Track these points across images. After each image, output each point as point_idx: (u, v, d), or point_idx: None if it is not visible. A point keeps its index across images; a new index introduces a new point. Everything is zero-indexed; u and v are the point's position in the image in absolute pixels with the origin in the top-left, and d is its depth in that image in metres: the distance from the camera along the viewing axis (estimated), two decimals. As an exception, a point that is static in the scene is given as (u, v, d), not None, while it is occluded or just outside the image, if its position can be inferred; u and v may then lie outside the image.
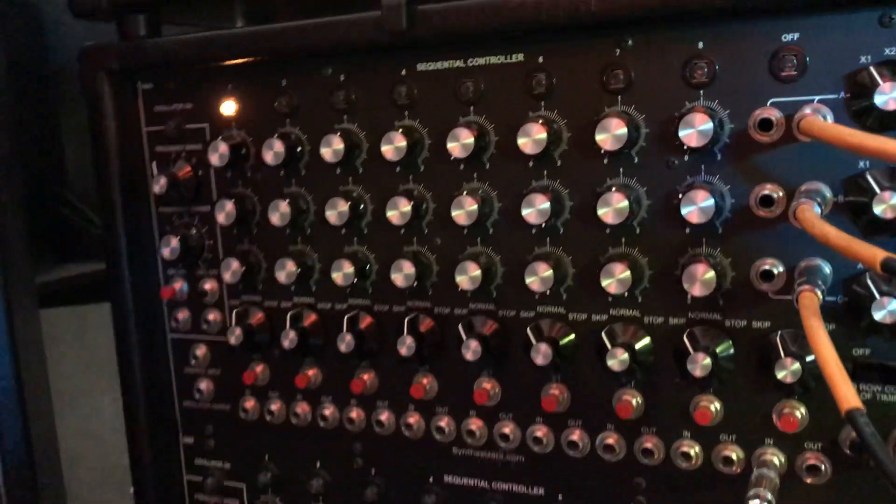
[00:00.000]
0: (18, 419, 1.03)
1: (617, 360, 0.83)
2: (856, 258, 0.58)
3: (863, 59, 0.73)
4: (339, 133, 0.92)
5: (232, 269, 1.00)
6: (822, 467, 0.80)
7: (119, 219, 1.04)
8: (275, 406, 1.04)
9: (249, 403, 1.06)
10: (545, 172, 0.86)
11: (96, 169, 1.04)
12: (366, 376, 0.98)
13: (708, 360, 0.79)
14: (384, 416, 0.99)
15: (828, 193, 0.75)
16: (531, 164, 0.86)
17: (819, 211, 0.70)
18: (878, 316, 0.73)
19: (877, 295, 0.72)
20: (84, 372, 1.63)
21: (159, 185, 1.01)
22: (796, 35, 0.75)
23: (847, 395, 0.56)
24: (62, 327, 1.63)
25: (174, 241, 1.03)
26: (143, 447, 1.11)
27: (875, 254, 0.55)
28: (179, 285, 1.07)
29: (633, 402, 0.86)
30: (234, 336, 1.01)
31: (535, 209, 0.83)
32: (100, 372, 1.55)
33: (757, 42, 0.77)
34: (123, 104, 1.04)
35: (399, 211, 0.90)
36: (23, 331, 1.10)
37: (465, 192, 0.87)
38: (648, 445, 0.86)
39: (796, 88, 0.76)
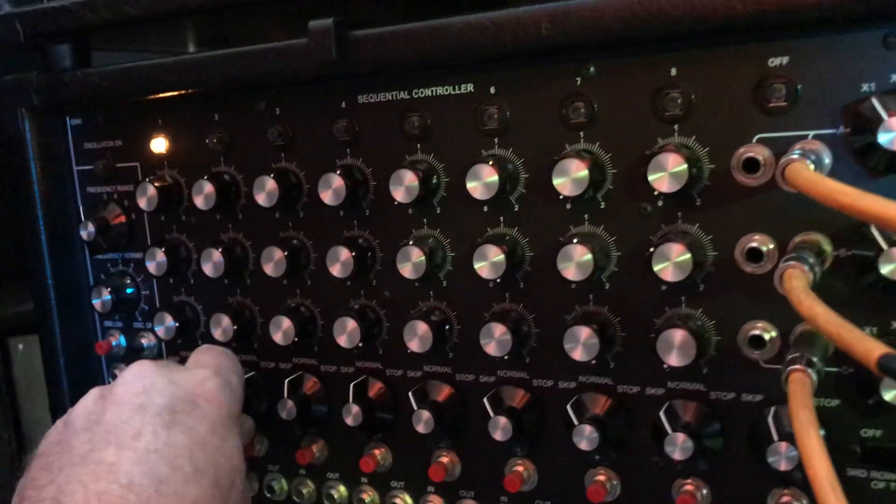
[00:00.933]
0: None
1: (585, 437, 0.71)
2: (848, 352, 0.46)
3: (865, 88, 0.61)
4: (273, 175, 0.81)
5: (166, 325, 0.90)
6: (827, 568, 0.67)
7: (47, 268, 0.95)
8: (219, 474, 0.94)
9: (193, 469, 0.96)
10: (501, 219, 0.75)
11: (21, 214, 0.94)
12: (314, 446, 0.87)
13: (690, 443, 0.67)
14: (335, 491, 0.88)
15: (827, 247, 0.63)
16: (486, 209, 0.75)
17: (811, 276, 0.58)
18: (888, 396, 0.61)
19: (886, 371, 0.60)
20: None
21: (87, 231, 0.91)
22: (785, 59, 0.63)
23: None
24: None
25: (106, 293, 0.93)
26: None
27: (871, 349, 0.43)
28: (115, 339, 0.97)
29: (607, 484, 0.74)
30: (171, 398, 0.90)
31: (489, 262, 0.72)
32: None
33: (739, 68, 0.64)
34: (50, 141, 0.94)
35: (340, 262, 0.79)
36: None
37: (411, 242, 0.76)
38: (626, 533, 0.74)
39: (787, 122, 0.64)
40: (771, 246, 0.65)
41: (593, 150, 0.70)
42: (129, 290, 0.95)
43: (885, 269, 0.59)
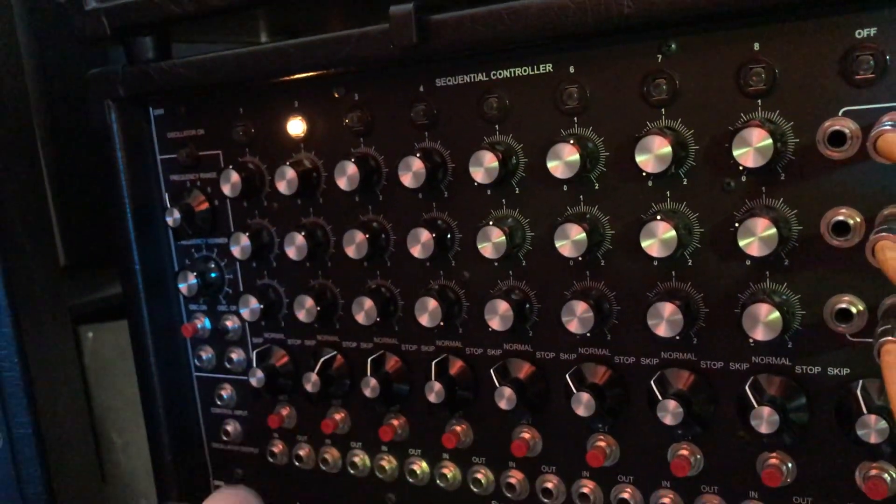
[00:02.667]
0: (38, 469, 0.99)
1: (669, 412, 0.72)
2: (950, 321, 0.46)
3: (957, 57, 0.60)
4: (353, 159, 0.83)
5: (250, 307, 0.93)
6: (918, 541, 0.67)
7: (134, 254, 0.98)
8: (303, 451, 0.97)
9: (278, 447, 0.99)
10: (581, 198, 0.76)
11: (108, 202, 0.98)
12: (395, 422, 0.90)
13: (776, 416, 0.68)
14: (417, 466, 0.90)
15: (917, 217, 0.63)
16: (565, 188, 0.76)
17: (903, 245, 0.58)
18: (983, 368, 0.60)
19: (981, 343, 0.59)
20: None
21: (172, 217, 0.94)
22: (873, 30, 0.63)
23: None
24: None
25: (191, 277, 0.96)
26: (170, 489, 1.05)
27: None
28: (201, 322, 1.01)
29: (691, 458, 0.75)
30: (256, 378, 0.94)
31: (570, 241, 0.73)
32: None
33: (825, 40, 0.64)
34: (134, 132, 0.97)
35: (420, 243, 0.81)
36: (44, 359, 1.04)
37: (491, 222, 0.77)
38: (710, 507, 0.75)
39: (874, 94, 0.63)
40: (858, 219, 0.65)
41: (676, 127, 0.70)
42: (213, 275, 0.98)
43: (979, 240, 0.58)
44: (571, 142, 0.72)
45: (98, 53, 1.31)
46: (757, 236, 0.65)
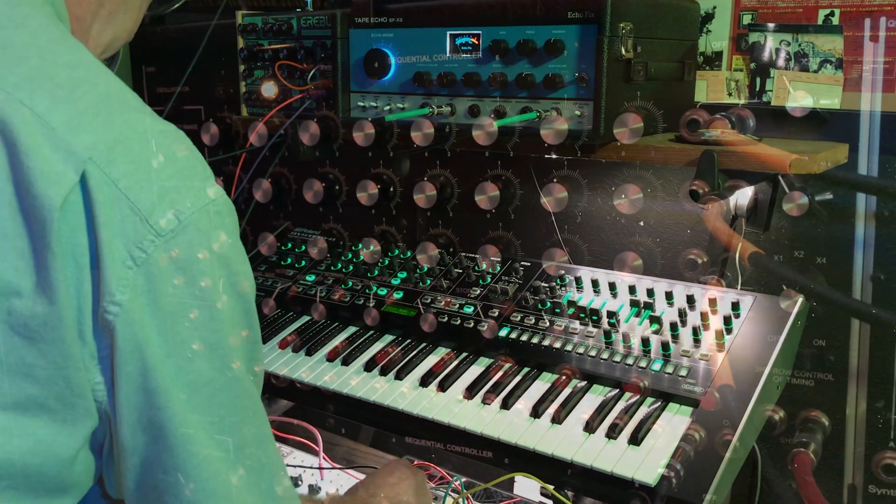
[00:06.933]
0: None
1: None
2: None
3: (772, 73, 0.79)
4: (316, 119, 1.00)
5: (220, 241, 1.09)
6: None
7: (122, 191, 1.14)
8: (257, 367, 1.13)
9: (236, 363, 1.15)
10: (499, 163, 0.94)
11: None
12: (339, 344, 1.07)
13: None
14: (354, 381, 1.07)
15: (749, 191, 0.82)
16: (487, 154, 0.94)
17: (726, 209, 0.77)
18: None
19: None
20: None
21: (157, 161, 1.10)
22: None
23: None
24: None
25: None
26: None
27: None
28: (175, 253, 1.17)
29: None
30: (221, 302, 1.10)
31: (486, 196, 0.91)
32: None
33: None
34: (127, 85, 1.13)
35: (367, 193, 0.98)
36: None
37: (426, 178, 0.95)
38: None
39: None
40: (706, 189, 0.83)
41: (573, 109, 0.88)
42: (188, 213, 1.14)
43: (785, 207, 0.77)
44: (491, 116, 0.89)
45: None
46: (628, 199, 0.84)
